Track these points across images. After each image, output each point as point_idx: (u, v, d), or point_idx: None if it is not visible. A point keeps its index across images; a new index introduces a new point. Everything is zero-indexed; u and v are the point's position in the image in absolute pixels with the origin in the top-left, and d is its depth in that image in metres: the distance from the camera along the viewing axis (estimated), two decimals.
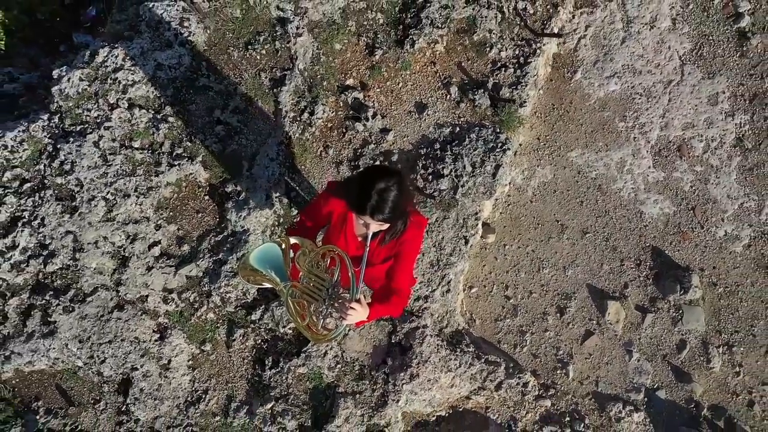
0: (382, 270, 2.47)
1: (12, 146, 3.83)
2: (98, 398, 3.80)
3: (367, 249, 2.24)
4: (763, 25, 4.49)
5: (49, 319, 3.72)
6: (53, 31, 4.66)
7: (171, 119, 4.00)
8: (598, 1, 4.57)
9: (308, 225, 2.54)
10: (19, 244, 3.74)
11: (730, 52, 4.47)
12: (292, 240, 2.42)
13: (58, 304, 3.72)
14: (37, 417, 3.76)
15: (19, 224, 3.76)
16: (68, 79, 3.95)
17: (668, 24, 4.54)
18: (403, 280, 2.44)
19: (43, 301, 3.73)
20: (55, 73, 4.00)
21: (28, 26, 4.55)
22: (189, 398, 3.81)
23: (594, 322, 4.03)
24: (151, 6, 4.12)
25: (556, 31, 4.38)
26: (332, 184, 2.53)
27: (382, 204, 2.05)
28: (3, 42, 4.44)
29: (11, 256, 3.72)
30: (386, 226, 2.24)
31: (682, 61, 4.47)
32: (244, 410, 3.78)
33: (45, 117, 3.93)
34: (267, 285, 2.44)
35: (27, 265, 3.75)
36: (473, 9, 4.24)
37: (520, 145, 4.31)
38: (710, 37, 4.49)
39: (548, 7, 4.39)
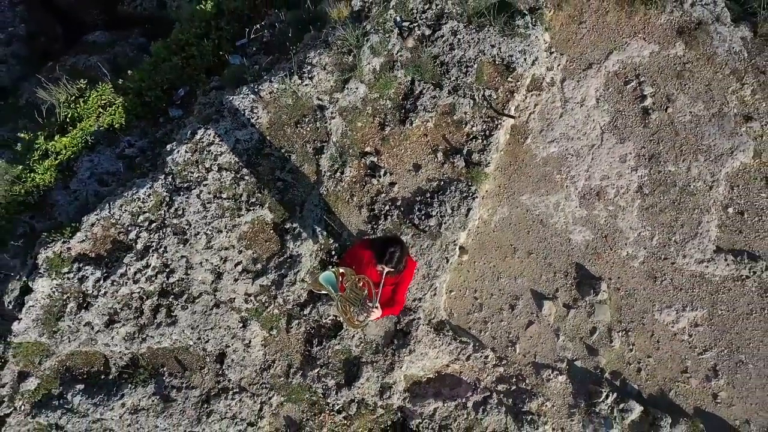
0: (389, 290, 4.40)
1: (143, 198, 5.74)
2: (203, 365, 5.74)
3: (383, 279, 4.15)
4: (660, 104, 6.32)
5: (171, 313, 5.65)
6: (155, 108, 6.53)
7: (246, 177, 5.89)
8: (544, 85, 6.41)
9: (348, 262, 4.46)
10: (150, 264, 5.66)
11: (637, 124, 6.31)
12: (341, 270, 4.35)
13: (177, 304, 5.65)
14: (164, 378, 5.70)
15: (150, 251, 5.68)
16: (177, 151, 5.85)
17: (593, 103, 6.38)
18: (401, 296, 4.39)
19: (167, 302, 5.67)
20: (168, 147, 5.90)
21: (139, 106, 6.42)
22: (262, 366, 5.73)
23: (534, 315, 5.93)
24: (231, 98, 5.99)
25: (513, 110, 6.23)
26: (364, 241, 4.45)
27: (392, 259, 3.97)
28: (123, 119, 6.32)
29: (146, 272, 5.65)
30: (393, 268, 4.15)
31: (602, 130, 6.32)
32: (299, 374, 5.70)
33: (162, 177, 5.83)
34: (324, 292, 4.40)
35: (155, 278, 5.67)
36: (453, 98, 6.09)
37: (486, 191, 6.18)
38: (623, 113, 6.34)
39: (507, 93, 6.23)
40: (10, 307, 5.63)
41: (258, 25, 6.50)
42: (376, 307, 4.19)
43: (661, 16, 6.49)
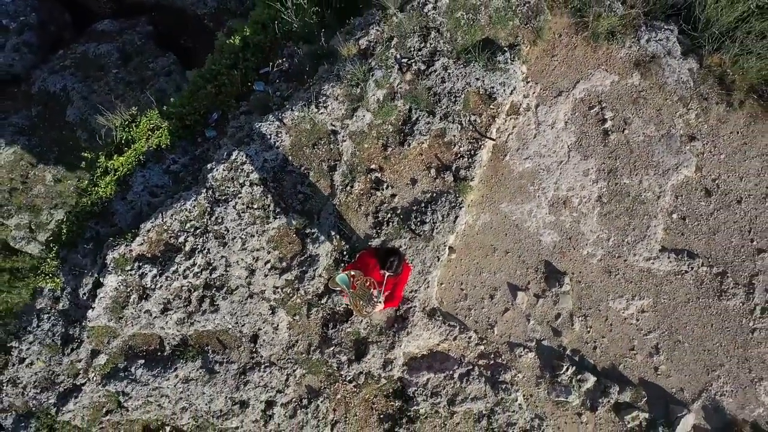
0: (390, 288, 5.69)
1: (189, 209, 7.02)
2: (239, 345, 7.07)
3: (385, 280, 5.45)
4: (618, 126, 7.53)
5: (214, 303, 6.96)
6: (194, 130, 7.77)
7: (273, 191, 7.15)
8: (521, 110, 7.62)
9: (358, 266, 5.75)
10: (196, 263, 6.96)
11: (598, 143, 7.52)
12: (352, 272, 5.65)
13: (219, 295, 6.97)
14: (208, 354, 7.04)
15: (196, 252, 6.97)
16: (216, 170, 7.10)
17: (562, 125, 7.59)
18: (399, 292, 5.69)
19: (210, 294, 6.98)
20: (209, 166, 7.15)
21: (181, 128, 7.66)
22: (287, 344, 7.06)
23: (510, 303, 7.23)
24: (259, 125, 7.22)
25: (494, 133, 7.44)
26: (370, 250, 5.73)
27: (392, 266, 5.26)
28: (168, 139, 7.57)
29: (193, 269, 6.95)
30: (393, 273, 5.45)
31: (569, 149, 7.54)
32: (318, 351, 7.03)
33: (204, 191, 7.09)
34: (339, 289, 5.69)
35: (201, 274, 6.97)
36: (444, 123, 7.31)
37: (471, 201, 7.42)
38: (587, 134, 7.55)
39: (489, 118, 7.43)
40: (85, 298, 6.95)
41: (280, 60, 7.69)
42: (380, 302, 5.51)
43: (621, 50, 7.67)
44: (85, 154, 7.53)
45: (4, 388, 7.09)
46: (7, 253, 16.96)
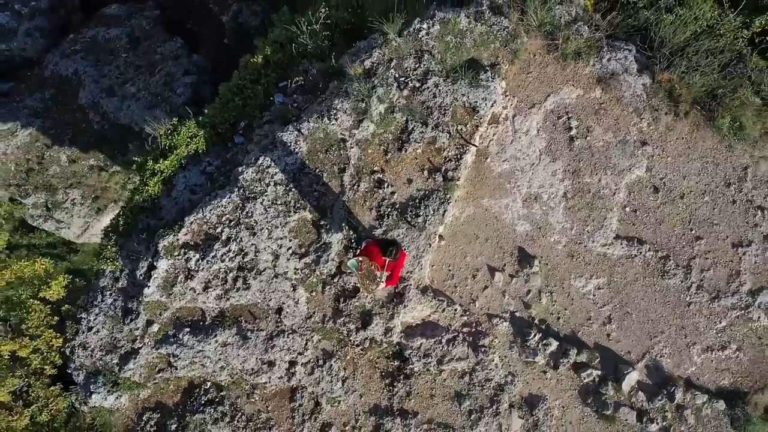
0: (390, 271, 7.23)
1: (224, 204, 8.52)
2: (267, 316, 8.63)
3: (386, 265, 6.98)
4: (582, 134, 8.96)
5: (246, 282, 8.51)
6: (225, 136, 9.23)
7: (293, 189, 8.64)
8: (500, 120, 9.05)
9: (364, 254, 7.28)
10: (231, 249, 8.49)
11: (565, 148, 8.97)
12: (360, 258, 7.20)
13: (250, 276, 8.51)
14: (242, 324, 8.61)
15: (231, 240, 8.50)
16: (246, 172, 8.58)
17: (535, 132, 9.02)
18: (397, 273, 7.26)
19: (243, 274, 8.52)
20: (240, 169, 8.63)
21: (214, 136, 9.12)
22: (306, 315, 8.62)
23: (489, 281, 8.76)
24: (281, 134, 8.68)
25: (477, 140, 8.89)
26: (375, 240, 7.26)
27: (390, 254, 6.81)
28: (204, 145, 9.04)
29: (228, 255, 8.48)
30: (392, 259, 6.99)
31: (540, 152, 8.99)
32: (331, 321, 8.59)
33: (236, 190, 8.59)
34: (349, 271, 7.27)
35: (235, 259, 8.51)
36: (435, 132, 8.76)
37: (458, 197, 8.91)
38: (555, 140, 8.99)
39: (473, 127, 8.87)
40: (141, 278, 8.52)
41: (298, 78, 9.11)
42: (382, 282, 7.06)
43: (585, 68, 9.06)
44: (135, 158, 9.01)
45: (76, 351, 8.71)
46: (25, 230, 18.26)
